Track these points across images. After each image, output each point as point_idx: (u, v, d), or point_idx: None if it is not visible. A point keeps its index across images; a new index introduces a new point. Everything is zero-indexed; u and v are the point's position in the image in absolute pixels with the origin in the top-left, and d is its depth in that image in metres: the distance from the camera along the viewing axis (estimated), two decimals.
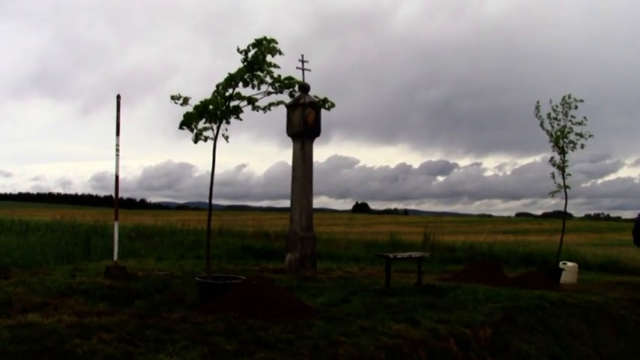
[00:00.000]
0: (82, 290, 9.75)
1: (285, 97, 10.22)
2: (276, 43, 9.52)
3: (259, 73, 9.54)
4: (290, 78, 9.85)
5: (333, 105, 11.88)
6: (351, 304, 9.77)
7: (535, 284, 13.65)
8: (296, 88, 10.58)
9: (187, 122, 9.59)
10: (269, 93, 9.77)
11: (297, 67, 13.85)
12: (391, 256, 13.03)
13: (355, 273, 15.26)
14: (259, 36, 9.41)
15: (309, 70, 14.08)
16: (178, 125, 9.64)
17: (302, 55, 14.17)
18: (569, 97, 15.53)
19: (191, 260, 16.17)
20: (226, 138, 9.80)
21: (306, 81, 14.08)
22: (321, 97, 12.27)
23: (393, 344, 7.43)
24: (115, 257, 11.87)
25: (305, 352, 6.65)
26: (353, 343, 7.13)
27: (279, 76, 9.74)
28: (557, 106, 15.61)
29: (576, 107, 15.50)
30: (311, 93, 14.15)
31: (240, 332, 7.26)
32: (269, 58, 9.56)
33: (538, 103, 15.81)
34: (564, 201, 16.37)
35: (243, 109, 9.76)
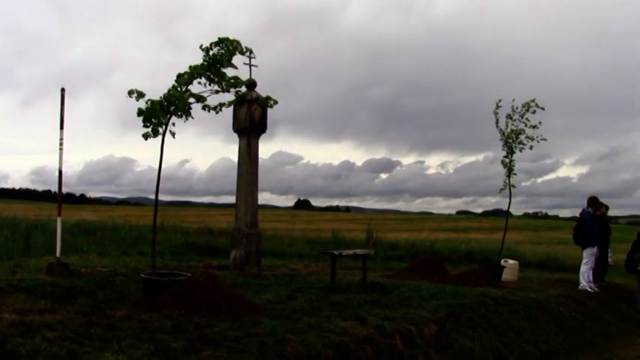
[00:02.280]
0: (22, 287, 9.51)
1: (230, 96, 10.14)
2: (239, 43, 9.49)
3: (219, 69, 9.45)
4: (236, 77, 9.77)
5: (275, 102, 11.85)
6: (297, 301, 9.77)
7: (478, 281, 13.86)
8: (242, 88, 10.51)
9: (150, 117, 9.41)
10: (217, 92, 9.68)
11: (245, 63, 13.77)
12: (337, 253, 13.08)
13: (300, 270, 15.27)
14: (210, 31, 9.46)
15: (256, 66, 14.02)
16: (142, 121, 9.42)
17: (250, 51, 14.09)
18: (533, 101, 15.84)
19: (134, 257, 15.96)
20: (173, 134, 9.67)
21: (253, 77, 14.01)
22: (268, 93, 12.22)
23: (339, 341, 7.45)
24: (58, 253, 11.64)
25: (252, 349, 6.62)
26: (300, 341, 7.13)
27: (224, 74, 9.67)
28: (516, 108, 15.91)
29: (534, 112, 15.82)
30: (258, 89, 14.10)
31: (186, 330, 7.20)
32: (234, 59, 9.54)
33: (499, 101, 16.08)
34: (506, 199, 16.68)
35: (192, 106, 9.65)
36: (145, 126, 9.40)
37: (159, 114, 9.33)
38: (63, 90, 11.68)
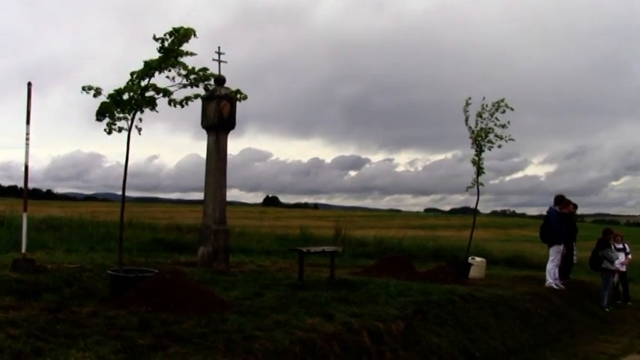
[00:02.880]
0: None
1: (200, 90, 10.06)
2: (194, 32, 9.40)
3: (177, 60, 9.36)
4: (204, 69, 9.69)
5: (245, 97, 11.79)
6: (265, 298, 9.76)
7: (445, 279, 13.93)
8: (212, 82, 10.45)
9: (104, 111, 9.34)
10: (184, 85, 9.60)
11: (214, 59, 13.74)
12: (305, 250, 13.09)
13: (268, 267, 15.28)
14: (177, 25, 9.26)
15: (225, 62, 14.00)
16: (95, 115, 9.38)
17: (218, 47, 14.07)
18: (502, 101, 15.95)
19: (101, 253, 15.86)
20: (139, 129, 9.58)
21: (222, 73, 13.97)
22: (236, 88, 12.16)
23: (307, 338, 7.46)
24: (24, 249, 11.53)
25: (219, 346, 6.61)
26: (267, 337, 7.13)
27: (193, 68, 9.59)
28: (486, 106, 16.01)
29: (504, 111, 15.93)
30: (228, 85, 14.06)
31: (153, 326, 7.16)
32: (185, 46, 9.42)
33: (469, 99, 16.16)
34: (475, 197, 16.80)
35: (158, 101, 9.56)
36: (98, 119, 9.34)
37: (112, 109, 9.26)
38: (29, 84, 11.55)
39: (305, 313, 8.69)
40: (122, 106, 9.32)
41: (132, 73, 9.37)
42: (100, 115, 9.35)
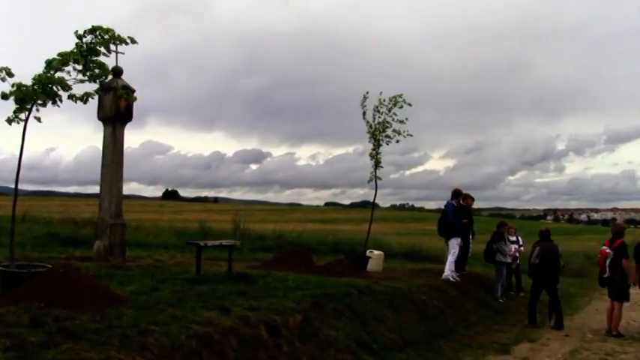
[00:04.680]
0: None
1: (95, 85, 9.87)
2: (114, 31, 9.27)
3: (91, 58, 9.19)
4: (102, 64, 9.52)
5: (134, 98, 11.62)
6: (162, 293, 9.66)
7: (343, 272, 14.07)
8: (109, 77, 10.27)
9: (25, 99, 9.01)
10: (81, 81, 9.41)
11: (112, 50, 13.48)
12: (202, 244, 13.01)
13: (165, 261, 15.11)
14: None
15: (123, 53, 13.73)
16: (17, 104, 9.02)
17: (131, 40, 13.79)
18: (400, 96, 16.15)
19: None
20: (38, 119, 9.33)
21: (120, 64, 13.74)
22: (140, 82, 11.99)
23: (203, 332, 7.44)
24: None
25: (114, 341, 6.53)
26: (163, 332, 7.08)
27: (102, 63, 9.43)
28: (384, 101, 16.19)
29: (402, 107, 16.15)
30: (128, 77, 13.86)
31: (45, 323, 6.99)
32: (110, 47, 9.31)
33: (366, 93, 16.32)
34: (373, 191, 17.00)
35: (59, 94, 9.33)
36: (19, 109, 9.05)
37: (31, 97, 9.01)
38: None
39: (202, 307, 8.64)
40: (43, 96, 9.05)
41: (47, 62, 9.12)
42: (24, 103, 9.02)
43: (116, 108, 13.69)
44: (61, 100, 9.30)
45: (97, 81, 9.55)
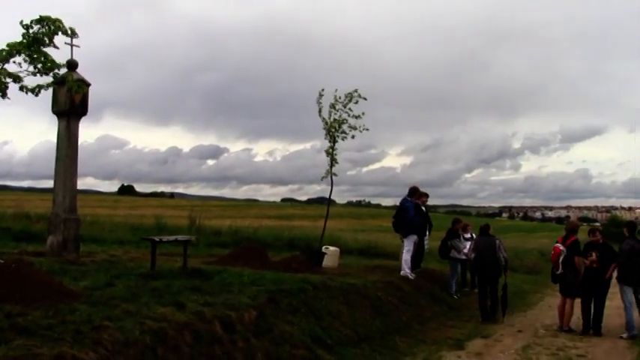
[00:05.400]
0: None
1: (49, 78, 9.76)
2: (61, 22, 9.15)
3: (39, 49, 9.07)
4: (52, 61, 9.41)
5: (85, 91, 11.49)
6: (116, 288, 9.58)
7: (299, 268, 14.07)
8: (62, 70, 10.16)
9: None
10: (34, 73, 9.29)
11: (66, 43, 13.32)
12: (157, 239, 12.95)
13: (120, 256, 14.96)
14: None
15: (78, 46, 13.60)
16: None
17: (71, 31, 13.65)
18: (356, 91, 16.18)
19: None
20: None
21: (75, 58, 13.59)
22: (97, 75, 11.87)
23: (158, 328, 7.41)
24: None
25: (67, 337, 6.47)
26: (117, 328, 7.03)
27: (46, 54, 9.31)
28: (340, 97, 16.20)
29: (357, 102, 16.17)
30: (85, 71, 13.71)
31: None
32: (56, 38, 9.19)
33: (322, 90, 16.30)
34: (330, 187, 17.03)
35: (9, 87, 9.20)
36: None
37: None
38: None
39: (156, 302, 8.59)
40: None
41: None
42: None
43: (71, 102, 13.54)
44: (5, 94, 9.18)
45: (51, 74, 9.44)
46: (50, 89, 10.46)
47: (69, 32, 9.45)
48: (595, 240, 13.44)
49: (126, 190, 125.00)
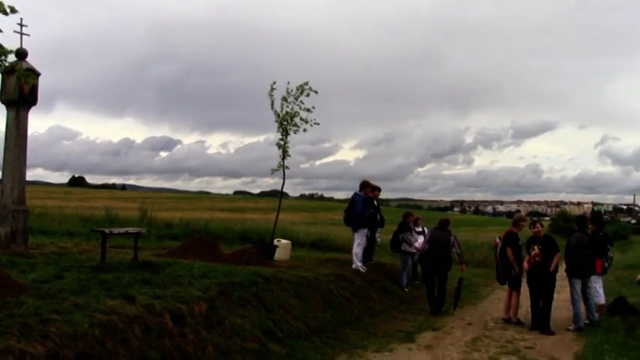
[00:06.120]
0: None
1: None
2: (1, 3, 8.98)
3: None
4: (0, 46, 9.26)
5: (35, 83, 11.32)
6: (65, 281, 9.48)
7: (250, 260, 14.08)
8: (9, 58, 10.00)
9: None
10: None
11: (15, 31, 13.13)
12: (107, 231, 12.84)
13: (70, 248, 14.81)
14: None
15: (28, 35, 13.41)
16: None
17: (21, 19, 13.45)
18: (307, 84, 16.20)
19: None
20: None
21: (24, 47, 13.40)
22: (48, 65, 11.71)
23: (107, 320, 7.36)
24: None
25: (14, 331, 6.40)
26: (66, 321, 6.97)
27: None
28: (292, 90, 16.21)
29: (308, 95, 16.20)
30: (35, 60, 13.52)
31: None
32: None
33: (274, 83, 16.30)
34: (282, 180, 17.04)
35: None
36: None
37: None
38: None
39: (106, 295, 8.54)
40: None
41: None
42: None
43: (20, 91, 13.34)
44: None
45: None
46: None
47: (8, 11, 9.22)
48: (536, 232, 13.57)
49: (77, 182, 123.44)
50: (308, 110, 16.28)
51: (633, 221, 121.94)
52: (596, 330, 12.64)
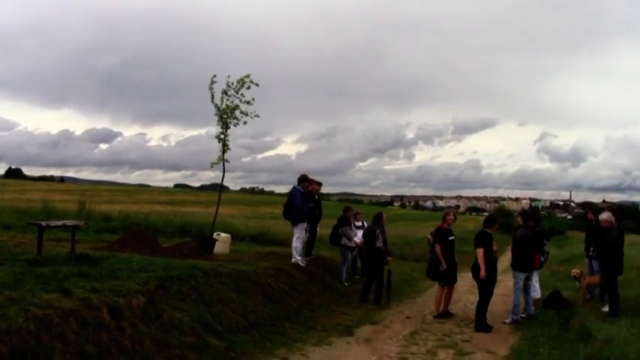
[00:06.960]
0: None
1: None
2: None
3: None
4: None
5: None
6: None
7: (189, 254, 14.02)
8: None
9: None
10: None
11: None
12: (44, 224, 12.63)
13: (5, 242, 14.52)
14: None
15: None
16: None
17: None
18: (248, 77, 16.17)
19: None
20: None
21: None
22: None
23: (43, 315, 7.28)
24: None
25: None
26: (0, 315, 6.87)
27: None
28: (232, 83, 16.16)
29: (249, 87, 16.18)
30: None
31: None
32: None
33: (214, 76, 16.22)
34: (222, 174, 17.00)
35: None
36: None
37: None
38: None
39: (42, 289, 8.43)
40: None
41: None
42: None
43: None
44: None
45: None
46: None
47: None
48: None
49: (13, 174, 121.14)
50: (248, 103, 16.26)
51: (569, 217, 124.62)
52: (531, 323, 12.92)
